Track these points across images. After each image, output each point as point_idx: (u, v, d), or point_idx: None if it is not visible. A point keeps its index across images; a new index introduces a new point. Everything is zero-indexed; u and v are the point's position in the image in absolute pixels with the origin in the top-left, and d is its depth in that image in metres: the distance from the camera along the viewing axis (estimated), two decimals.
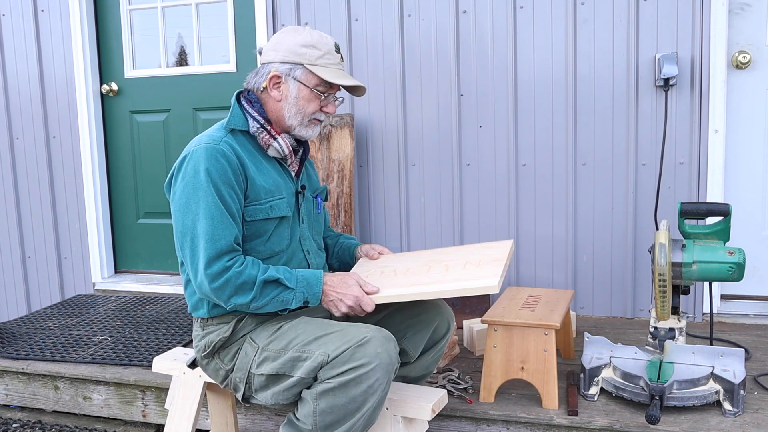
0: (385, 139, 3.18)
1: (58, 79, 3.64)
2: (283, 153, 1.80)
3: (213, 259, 1.62)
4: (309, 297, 1.68)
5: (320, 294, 1.69)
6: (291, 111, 1.77)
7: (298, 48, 1.74)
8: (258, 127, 1.77)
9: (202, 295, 1.68)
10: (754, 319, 2.87)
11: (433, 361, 1.96)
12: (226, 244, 1.64)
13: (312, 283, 1.69)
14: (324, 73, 1.74)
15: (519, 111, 2.99)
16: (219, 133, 1.75)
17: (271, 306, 1.67)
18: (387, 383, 1.60)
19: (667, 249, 2.02)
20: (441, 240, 3.13)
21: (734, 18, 2.81)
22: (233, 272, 1.62)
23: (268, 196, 1.75)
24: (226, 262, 1.63)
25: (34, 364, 2.60)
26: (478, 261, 1.78)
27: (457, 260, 1.82)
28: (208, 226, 1.63)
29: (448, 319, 1.93)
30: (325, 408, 1.58)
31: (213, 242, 1.63)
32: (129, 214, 3.77)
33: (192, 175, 1.68)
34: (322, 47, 1.76)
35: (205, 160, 1.67)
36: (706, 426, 1.90)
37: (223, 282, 1.62)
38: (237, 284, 1.62)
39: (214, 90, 3.52)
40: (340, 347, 1.57)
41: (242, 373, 1.74)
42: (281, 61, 1.76)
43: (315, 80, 1.76)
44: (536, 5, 2.92)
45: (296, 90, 1.76)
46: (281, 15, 3.24)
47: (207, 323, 1.79)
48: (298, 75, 1.75)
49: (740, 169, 2.90)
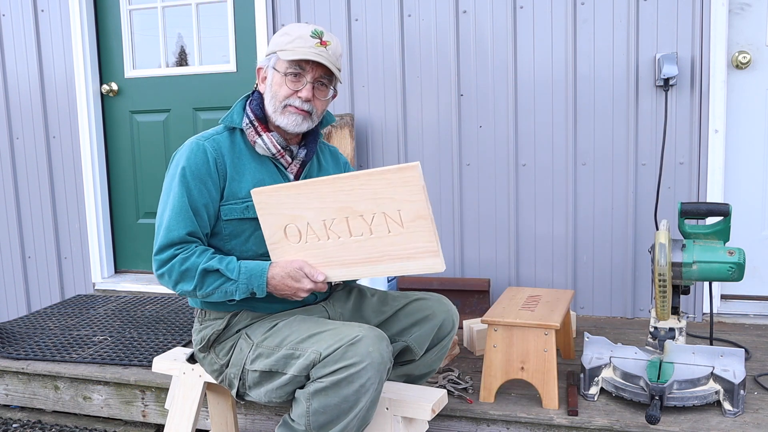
0: (385, 139, 3.18)
1: (58, 79, 3.64)
2: (270, 151, 1.78)
3: (164, 247, 1.69)
4: (254, 288, 1.68)
5: (265, 286, 1.68)
6: (268, 98, 1.78)
7: (277, 39, 1.79)
8: (247, 123, 1.79)
9: (157, 278, 1.74)
10: (754, 319, 2.87)
11: (437, 358, 1.97)
12: (178, 236, 1.69)
13: (255, 275, 1.68)
14: (287, 54, 1.73)
15: (519, 111, 2.99)
16: (212, 131, 1.80)
17: (217, 295, 1.69)
18: (379, 383, 1.59)
19: (667, 249, 2.02)
20: (441, 240, 3.13)
21: (734, 18, 2.81)
22: (178, 259, 1.68)
23: (247, 197, 1.75)
24: (174, 250, 1.69)
25: (34, 364, 2.60)
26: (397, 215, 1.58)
27: (372, 212, 1.60)
28: (168, 217, 1.70)
29: (453, 317, 1.94)
30: (317, 408, 1.58)
31: (167, 232, 1.69)
32: (129, 214, 3.78)
33: (172, 168, 1.76)
34: (294, 33, 1.74)
35: (185, 154, 1.74)
36: (706, 426, 1.90)
37: (168, 268, 1.68)
38: (180, 270, 1.67)
39: (214, 90, 3.52)
40: (332, 345, 1.57)
41: (237, 368, 1.74)
42: (267, 55, 1.81)
43: (284, 65, 1.75)
44: (536, 5, 2.92)
45: (272, 77, 1.78)
46: (281, 15, 3.24)
47: (205, 317, 1.82)
48: (272, 62, 1.78)
49: (740, 169, 2.90)
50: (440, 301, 1.93)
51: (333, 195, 1.63)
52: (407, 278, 3.08)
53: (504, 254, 3.07)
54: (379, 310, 1.91)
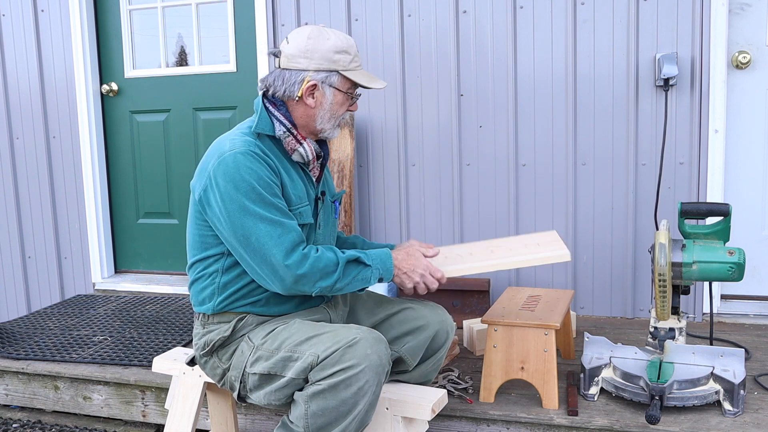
0: (385, 139, 3.18)
1: (58, 79, 3.64)
2: (307, 158, 1.79)
3: (289, 250, 1.64)
4: (384, 273, 1.73)
5: (392, 268, 1.74)
6: (325, 116, 1.79)
7: (332, 55, 1.75)
8: (284, 131, 1.76)
9: (286, 290, 1.67)
10: (754, 319, 2.87)
11: (432, 370, 1.96)
12: (297, 235, 1.67)
13: (384, 259, 1.74)
14: (357, 77, 1.78)
15: (519, 111, 2.99)
16: (248, 138, 1.72)
17: (353, 285, 1.71)
18: (378, 385, 1.59)
19: (667, 249, 2.02)
20: (441, 240, 3.13)
21: (734, 18, 2.81)
22: (314, 257, 1.66)
23: (297, 203, 1.75)
24: (302, 250, 1.66)
25: (34, 364, 2.60)
26: (536, 243, 1.94)
27: (516, 245, 1.96)
28: (270, 226, 1.64)
29: (447, 327, 1.92)
30: (316, 410, 1.58)
31: (282, 237, 1.64)
32: (129, 214, 3.78)
33: (235, 182, 1.64)
34: (352, 51, 1.78)
35: (247, 165, 1.65)
36: (706, 426, 1.90)
37: (308, 268, 1.64)
38: (320, 267, 1.66)
39: (214, 90, 3.52)
40: (330, 348, 1.57)
41: (237, 371, 1.74)
42: (316, 69, 1.75)
43: (348, 84, 1.78)
44: (536, 5, 2.92)
45: (332, 96, 1.77)
46: (281, 15, 3.24)
47: (208, 321, 1.80)
48: (333, 81, 1.76)
49: (740, 169, 2.90)
50: (435, 311, 1.91)
51: (486, 243, 2.01)
52: None
53: None
54: (372, 313, 1.92)
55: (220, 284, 1.76)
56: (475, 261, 1.85)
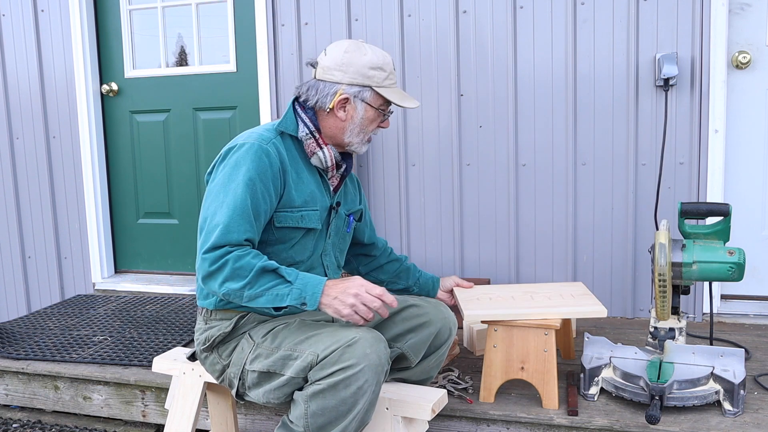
0: (385, 139, 3.18)
1: (58, 79, 3.64)
2: (326, 164, 1.80)
3: (219, 245, 1.61)
4: (306, 297, 1.59)
5: (319, 296, 1.60)
6: (354, 130, 1.80)
7: (367, 71, 1.77)
8: (307, 133, 1.78)
9: (200, 280, 1.66)
10: (754, 319, 2.87)
11: (434, 366, 1.96)
12: (237, 239, 1.63)
13: (313, 283, 1.62)
14: (391, 95, 1.79)
15: (519, 111, 2.99)
16: (269, 134, 1.76)
17: (265, 298, 1.60)
18: (377, 384, 1.59)
19: (667, 249, 2.02)
20: (441, 240, 3.13)
21: (734, 18, 2.81)
22: (233, 255, 1.60)
23: (302, 206, 1.76)
24: (229, 248, 1.62)
25: (34, 364, 2.60)
26: (570, 294, 2.15)
27: (551, 292, 2.18)
28: (228, 217, 1.63)
29: (450, 324, 1.93)
30: (315, 410, 1.58)
31: (226, 232, 1.62)
32: (129, 214, 3.78)
33: (232, 167, 1.69)
34: (387, 68, 1.80)
35: (250, 155, 1.68)
36: (706, 426, 1.90)
37: (221, 264, 1.59)
38: (234, 267, 1.59)
39: (214, 90, 3.52)
40: (329, 347, 1.57)
41: (237, 368, 1.74)
42: (349, 83, 1.77)
43: (380, 101, 1.80)
44: (536, 5, 2.92)
45: (363, 111, 1.79)
46: (281, 15, 3.24)
47: (210, 317, 1.80)
48: (366, 97, 1.78)
49: (740, 169, 2.90)
50: (437, 308, 1.92)
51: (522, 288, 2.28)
52: None
53: (504, 254, 3.07)
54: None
55: None
56: (522, 308, 2.05)
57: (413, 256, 3.19)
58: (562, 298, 2.12)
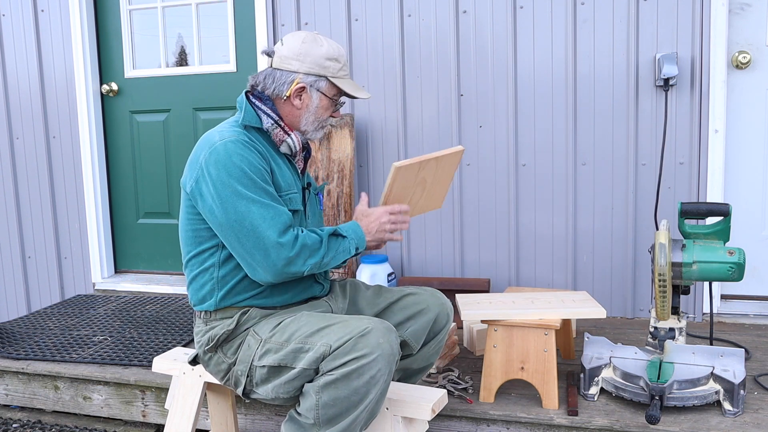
0: (385, 139, 3.18)
1: (58, 79, 3.64)
2: (295, 149, 1.85)
3: (282, 231, 1.67)
4: (358, 242, 1.78)
5: (363, 236, 1.79)
6: (309, 119, 1.85)
7: (323, 61, 1.81)
8: (272, 123, 1.81)
9: (276, 273, 1.67)
10: (754, 319, 2.87)
11: (434, 352, 1.99)
12: (288, 218, 1.70)
13: (353, 228, 1.78)
14: (344, 85, 1.84)
15: (519, 111, 2.99)
16: (236, 129, 1.77)
17: (337, 257, 1.75)
18: (389, 374, 1.61)
19: (667, 249, 2.02)
20: (441, 240, 3.13)
21: (734, 18, 2.81)
22: (303, 236, 1.70)
23: (287, 189, 1.80)
24: (293, 230, 1.70)
25: (34, 364, 2.60)
26: (572, 300, 2.18)
27: (552, 299, 2.19)
28: (263, 208, 1.67)
29: (447, 310, 1.97)
30: (327, 401, 1.59)
31: (275, 218, 1.67)
32: (129, 214, 3.78)
33: (227, 168, 1.68)
34: (341, 60, 1.85)
35: (238, 152, 1.69)
36: (706, 426, 1.90)
37: (300, 246, 1.68)
38: (309, 245, 1.69)
39: (214, 90, 3.52)
40: (342, 338, 1.59)
41: (244, 365, 1.74)
42: (306, 73, 1.81)
43: (334, 91, 1.85)
44: (536, 5, 2.92)
45: (318, 100, 1.83)
46: (281, 15, 3.24)
47: (210, 318, 1.81)
48: (321, 86, 1.83)
49: (740, 169, 2.90)
50: (434, 295, 1.96)
51: (525, 295, 2.29)
52: (408, 276, 3.08)
53: (504, 254, 3.07)
54: (374, 303, 1.95)
55: (218, 278, 1.77)
56: (520, 309, 2.07)
57: (413, 256, 3.19)
58: (562, 302, 2.15)
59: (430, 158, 1.82)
